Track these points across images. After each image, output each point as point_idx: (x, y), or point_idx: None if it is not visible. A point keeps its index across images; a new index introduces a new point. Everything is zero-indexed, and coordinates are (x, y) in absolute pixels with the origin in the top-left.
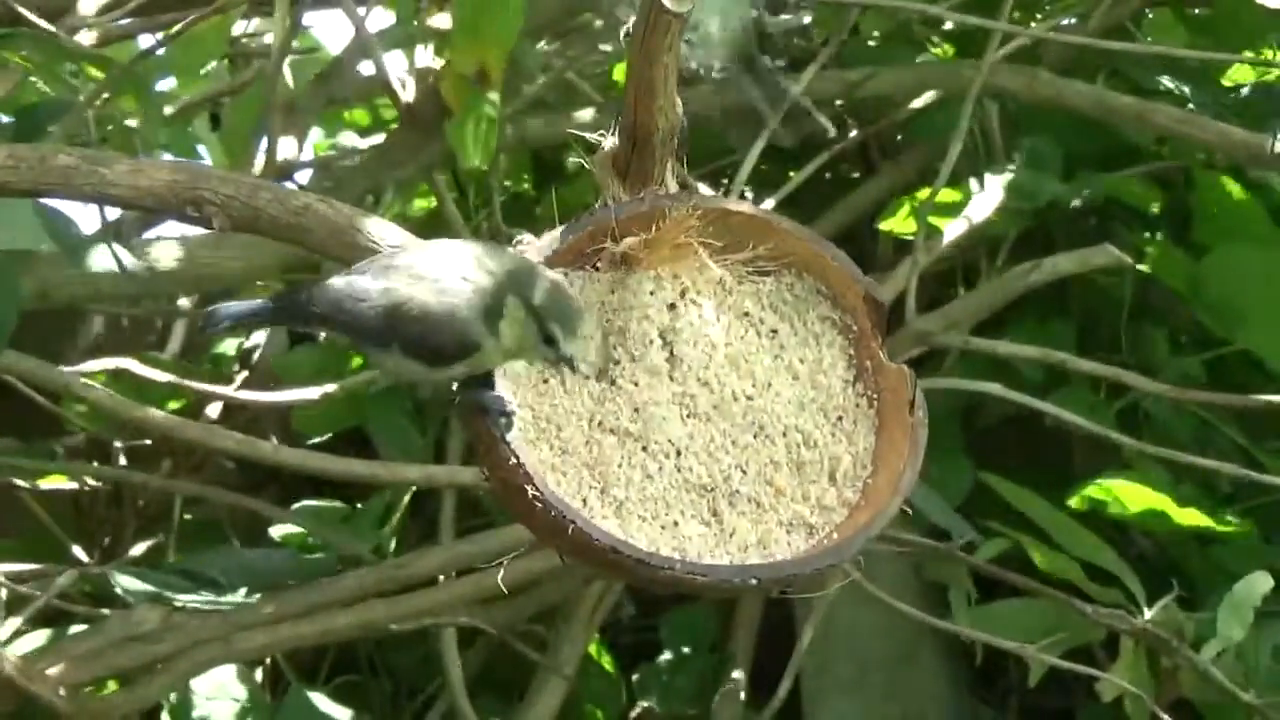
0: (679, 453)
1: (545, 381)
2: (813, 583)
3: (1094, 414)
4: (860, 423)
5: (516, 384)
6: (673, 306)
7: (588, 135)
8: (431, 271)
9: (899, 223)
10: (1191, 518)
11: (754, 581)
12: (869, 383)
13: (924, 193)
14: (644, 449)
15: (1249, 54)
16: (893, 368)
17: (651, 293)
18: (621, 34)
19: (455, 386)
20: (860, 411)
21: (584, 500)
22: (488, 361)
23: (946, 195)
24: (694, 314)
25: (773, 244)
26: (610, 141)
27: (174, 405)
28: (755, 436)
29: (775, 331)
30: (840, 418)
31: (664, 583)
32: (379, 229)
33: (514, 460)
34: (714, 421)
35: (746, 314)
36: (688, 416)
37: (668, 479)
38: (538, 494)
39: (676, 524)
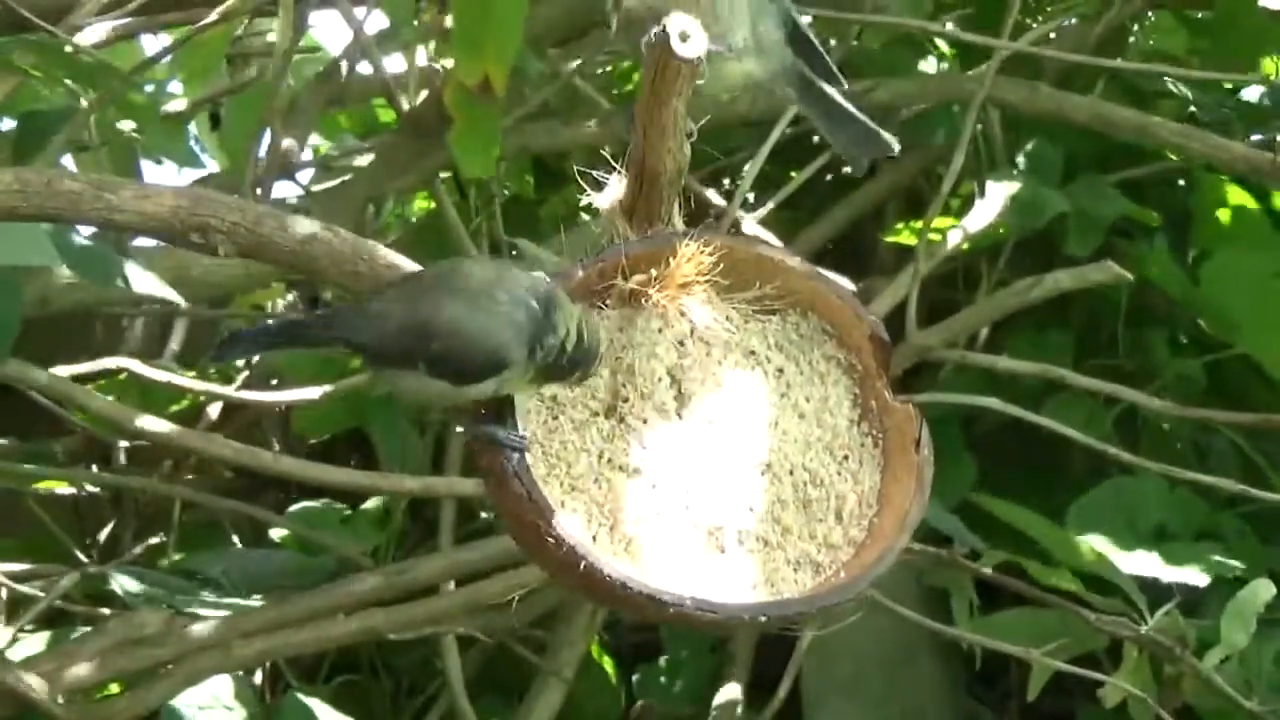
0: (687, 490)
1: (555, 419)
2: (822, 619)
3: (1091, 421)
4: (866, 462)
5: (525, 420)
6: (681, 344)
7: (595, 174)
8: (462, 287)
9: (901, 236)
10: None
11: (763, 619)
12: (874, 422)
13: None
14: (653, 486)
15: (1249, 65)
16: (898, 407)
17: (660, 330)
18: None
19: (463, 419)
20: (866, 450)
21: (594, 537)
22: (512, 384)
23: (940, 223)
24: (701, 352)
25: (779, 282)
26: (616, 181)
27: (175, 407)
28: (762, 475)
29: (781, 370)
30: (846, 456)
31: (673, 619)
32: (382, 257)
33: (527, 495)
34: (722, 459)
35: (753, 352)
36: (696, 454)
37: (676, 516)
38: (549, 530)
39: (685, 561)
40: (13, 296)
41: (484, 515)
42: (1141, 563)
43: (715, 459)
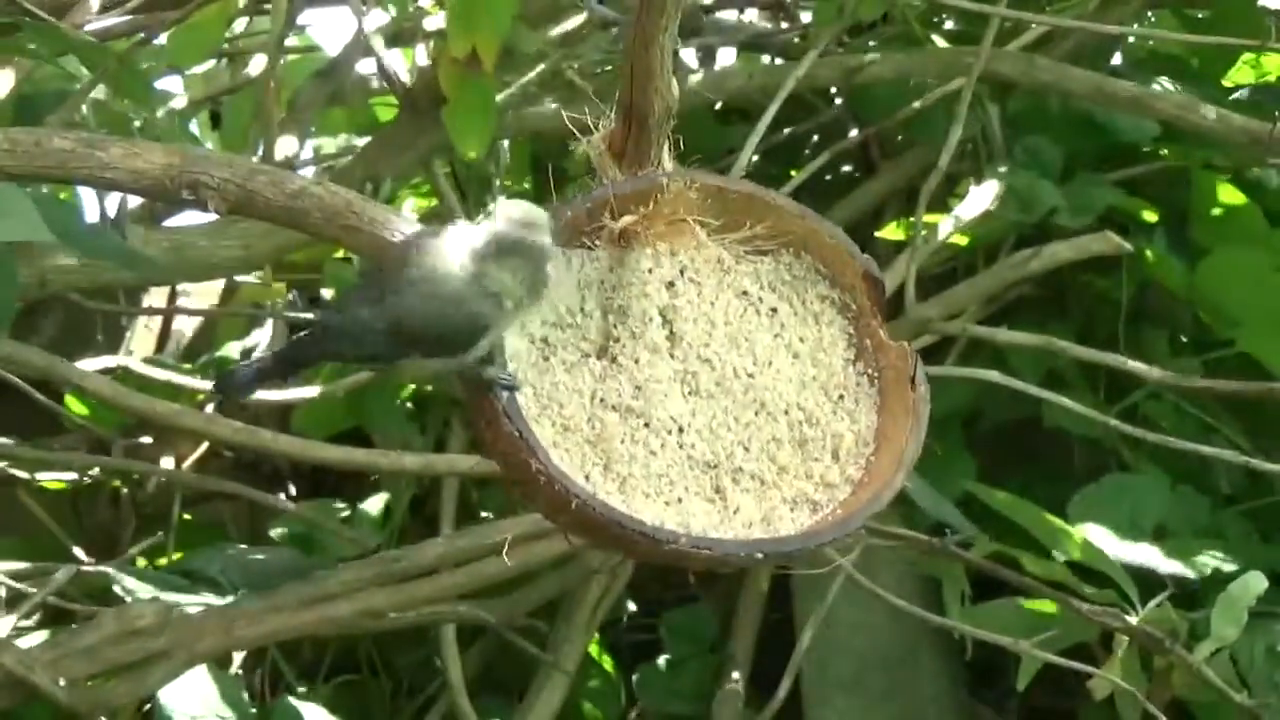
0: (681, 430)
1: (546, 359)
2: (816, 560)
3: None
4: (862, 400)
5: (517, 362)
6: (671, 285)
7: (585, 119)
8: (415, 275)
9: (894, 232)
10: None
11: (759, 555)
12: (869, 361)
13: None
14: (646, 426)
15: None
16: (893, 345)
17: (650, 270)
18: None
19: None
20: (861, 390)
21: (587, 476)
22: (506, 327)
23: (931, 219)
24: (693, 292)
25: (770, 222)
26: (606, 124)
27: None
28: (757, 414)
29: (775, 310)
30: (841, 396)
31: (669, 557)
32: (374, 212)
33: (518, 433)
34: (716, 399)
35: (745, 293)
36: (689, 394)
37: (670, 456)
38: (541, 467)
39: (680, 500)
40: (9, 276)
41: (484, 515)
42: (1136, 553)
43: (709, 398)
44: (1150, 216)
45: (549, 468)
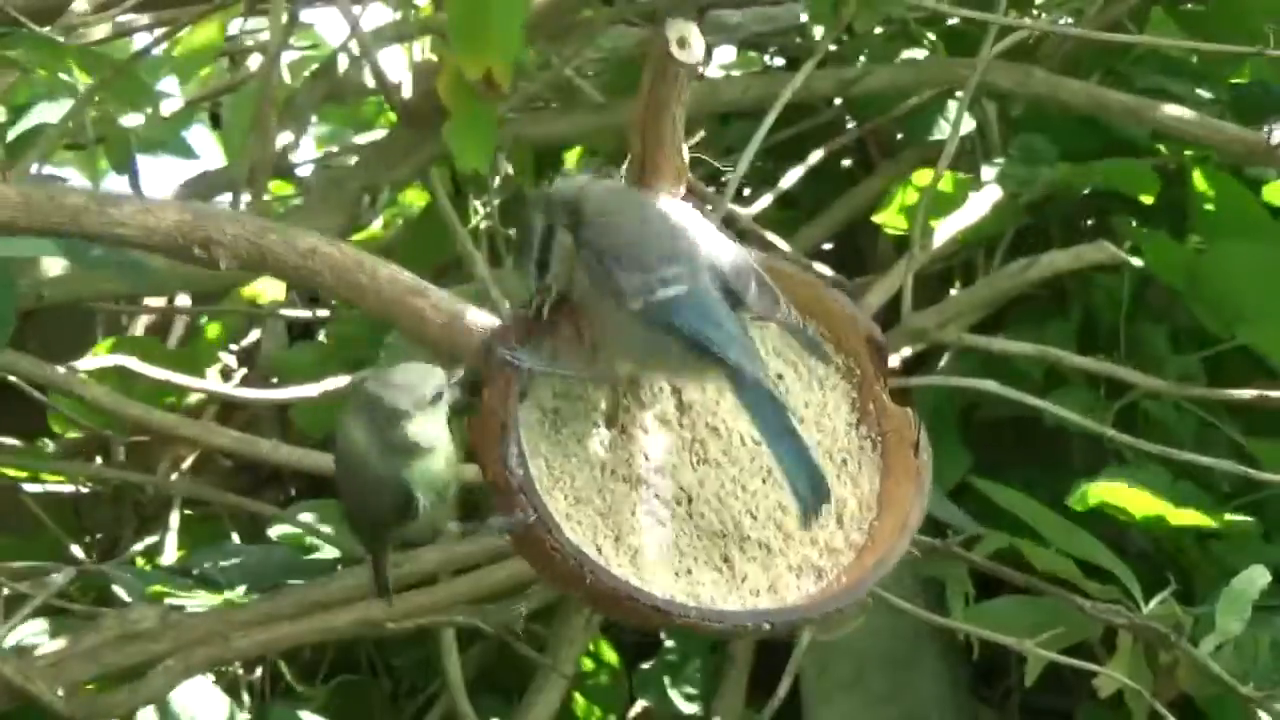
0: (690, 499)
1: (557, 431)
2: (826, 623)
3: (1092, 415)
4: (865, 465)
5: (530, 432)
6: None
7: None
8: (345, 450)
9: (892, 216)
10: (1190, 518)
11: (767, 626)
12: (873, 425)
13: (920, 175)
14: (656, 496)
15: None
16: (896, 410)
17: None
18: None
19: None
20: (865, 454)
21: (599, 548)
22: (439, 478)
23: (945, 183)
24: None
25: (778, 289)
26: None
27: (172, 399)
28: (764, 481)
29: (780, 376)
30: (845, 460)
31: (680, 629)
32: (384, 271)
33: (533, 511)
34: (723, 467)
35: None
36: (698, 463)
37: (680, 526)
38: (556, 545)
39: (690, 571)
40: (8, 289)
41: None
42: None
43: (717, 467)
44: (1147, 198)
45: (564, 544)
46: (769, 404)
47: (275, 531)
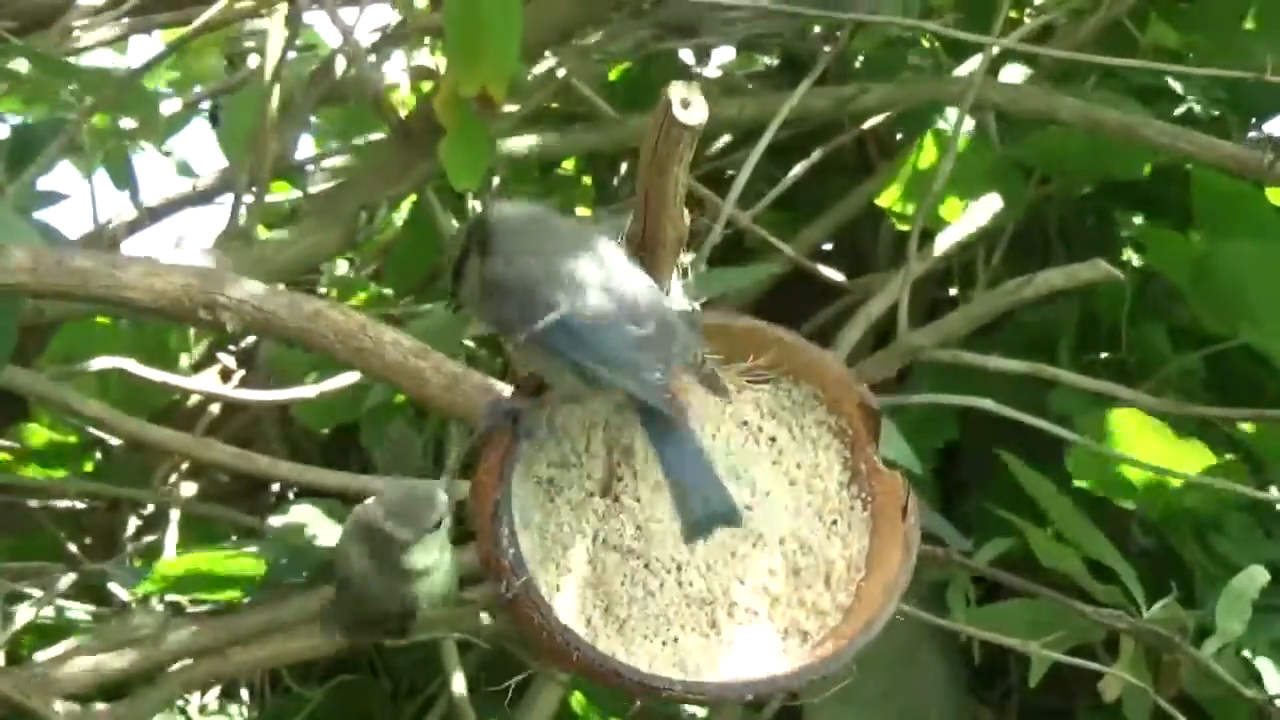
0: (679, 568)
1: (551, 500)
2: (813, 687)
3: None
4: (854, 525)
5: (524, 502)
6: None
7: None
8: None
9: (895, 200)
10: (1193, 454)
11: (750, 697)
12: (864, 485)
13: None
14: (646, 566)
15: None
16: (887, 473)
17: None
18: None
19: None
20: (855, 513)
21: (588, 619)
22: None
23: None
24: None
25: (773, 354)
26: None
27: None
28: (754, 545)
29: (774, 439)
30: (835, 520)
31: (665, 700)
32: (386, 335)
33: (524, 591)
34: (714, 534)
35: (745, 422)
36: None
37: (669, 595)
38: (544, 623)
39: (677, 640)
40: (9, 308)
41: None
42: None
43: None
44: (1145, 169)
45: (551, 623)
46: (659, 421)
47: (277, 520)
